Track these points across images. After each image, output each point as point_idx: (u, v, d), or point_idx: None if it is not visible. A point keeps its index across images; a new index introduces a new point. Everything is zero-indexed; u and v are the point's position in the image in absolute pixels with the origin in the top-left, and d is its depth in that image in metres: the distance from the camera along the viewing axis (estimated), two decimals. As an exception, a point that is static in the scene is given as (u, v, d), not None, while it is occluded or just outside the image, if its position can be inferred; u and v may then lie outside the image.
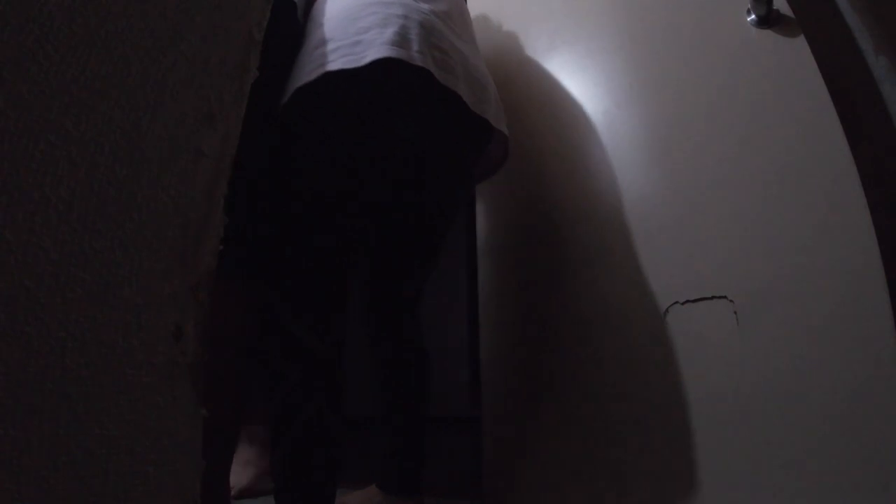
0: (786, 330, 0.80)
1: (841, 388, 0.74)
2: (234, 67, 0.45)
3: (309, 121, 0.88)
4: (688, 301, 0.90)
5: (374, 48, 0.82)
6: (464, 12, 1.10)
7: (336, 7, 0.93)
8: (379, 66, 0.82)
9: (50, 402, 0.30)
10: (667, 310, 0.91)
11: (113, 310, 0.34)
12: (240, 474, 1.20)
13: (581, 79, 1.16)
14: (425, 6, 0.95)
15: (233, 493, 1.14)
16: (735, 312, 0.84)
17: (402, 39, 0.84)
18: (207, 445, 0.40)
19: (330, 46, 0.85)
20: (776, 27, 0.90)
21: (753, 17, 0.92)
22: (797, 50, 0.87)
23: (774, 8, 0.90)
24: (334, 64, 0.83)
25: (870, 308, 0.74)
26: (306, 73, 0.85)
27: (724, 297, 0.86)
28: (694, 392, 0.86)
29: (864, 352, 0.74)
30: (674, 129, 0.99)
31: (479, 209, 1.34)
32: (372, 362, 1.09)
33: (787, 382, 0.78)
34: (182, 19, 0.40)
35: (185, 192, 0.40)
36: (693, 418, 0.86)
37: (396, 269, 1.07)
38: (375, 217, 1.03)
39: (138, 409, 0.35)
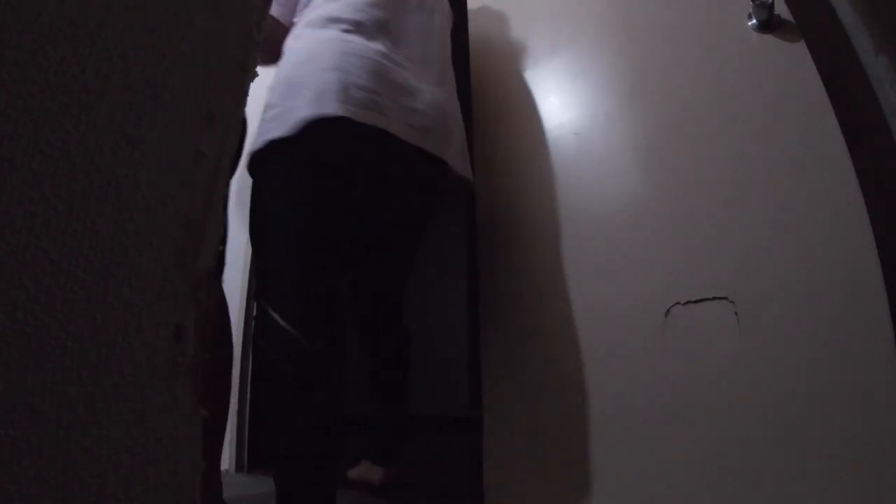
0: (786, 331, 0.80)
1: (840, 388, 0.74)
2: (234, 67, 0.45)
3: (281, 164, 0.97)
4: (689, 302, 0.90)
5: (299, 111, 0.92)
6: (435, 59, 1.15)
7: (283, 71, 1.01)
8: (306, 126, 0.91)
9: (50, 402, 0.30)
10: (668, 310, 0.91)
11: (113, 310, 0.34)
12: None
13: (583, 81, 1.16)
14: (383, 49, 1.02)
15: None
16: (736, 313, 0.84)
17: (318, 96, 0.92)
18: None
19: (269, 114, 0.96)
20: (777, 32, 0.91)
21: (755, 21, 0.93)
22: (798, 54, 0.88)
23: (775, 13, 0.91)
24: (274, 132, 0.94)
25: (869, 309, 0.74)
26: (264, 132, 0.96)
27: (725, 297, 0.86)
28: (695, 392, 0.86)
29: (864, 353, 0.74)
30: (675, 132, 0.99)
31: (480, 210, 1.33)
32: (363, 364, 1.32)
33: (787, 383, 0.79)
34: (182, 19, 0.40)
35: (185, 192, 0.40)
36: (694, 418, 0.86)
37: (378, 278, 1.28)
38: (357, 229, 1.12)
39: (138, 410, 0.35)
